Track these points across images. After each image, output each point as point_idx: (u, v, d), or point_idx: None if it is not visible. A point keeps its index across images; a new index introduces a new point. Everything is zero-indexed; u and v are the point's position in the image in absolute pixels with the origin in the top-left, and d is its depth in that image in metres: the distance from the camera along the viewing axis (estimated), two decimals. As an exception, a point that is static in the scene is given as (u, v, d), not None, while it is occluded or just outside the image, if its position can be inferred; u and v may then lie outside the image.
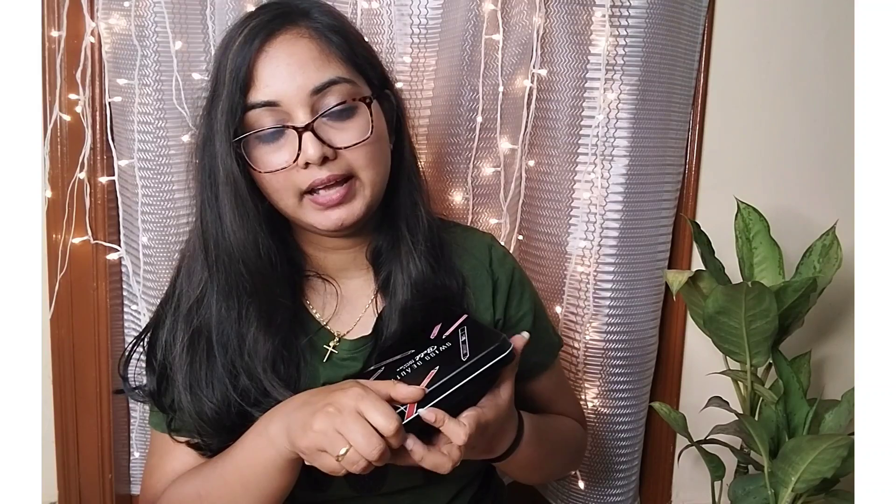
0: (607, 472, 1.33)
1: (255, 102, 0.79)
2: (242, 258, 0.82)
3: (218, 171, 0.81)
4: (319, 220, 0.82)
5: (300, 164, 0.79)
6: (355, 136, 0.81)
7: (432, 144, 1.22)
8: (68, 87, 1.22)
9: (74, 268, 1.26)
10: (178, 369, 0.85)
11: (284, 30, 0.80)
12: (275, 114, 0.80)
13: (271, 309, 0.84)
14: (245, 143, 0.81)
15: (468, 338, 0.81)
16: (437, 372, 0.74)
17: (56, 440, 1.32)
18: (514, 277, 0.97)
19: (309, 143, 0.79)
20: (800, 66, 1.32)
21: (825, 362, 1.41)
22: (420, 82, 1.19)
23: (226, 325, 0.84)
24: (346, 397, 0.71)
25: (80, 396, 1.31)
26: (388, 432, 0.69)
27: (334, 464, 0.70)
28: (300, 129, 0.79)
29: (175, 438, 0.88)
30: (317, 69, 0.80)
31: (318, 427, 0.70)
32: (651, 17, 1.20)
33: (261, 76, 0.79)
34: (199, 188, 0.85)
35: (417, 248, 0.88)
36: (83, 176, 1.23)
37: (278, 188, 0.82)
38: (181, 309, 0.86)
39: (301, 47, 0.80)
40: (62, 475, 1.33)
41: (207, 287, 0.85)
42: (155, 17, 1.15)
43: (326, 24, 0.82)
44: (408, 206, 0.89)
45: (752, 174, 1.34)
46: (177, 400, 0.85)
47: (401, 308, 0.87)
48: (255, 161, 0.81)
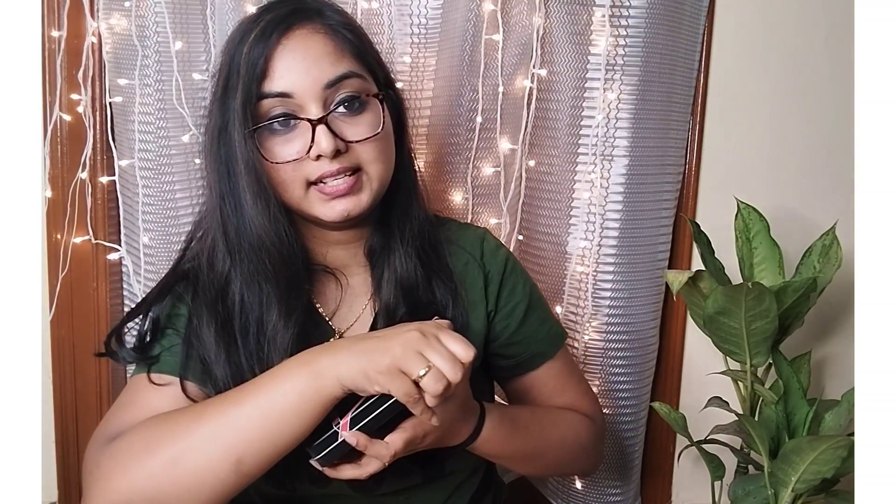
0: (608, 471, 1.33)
1: (269, 92, 0.81)
2: (265, 246, 0.83)
3: (236, 160, 0.81)
4: (325, 210, 0.83)
5: (312, 156, 0.81)
6: (366, 130, 0.83)
7: (432, 144, 1.22)
8: (69, 88, 1.22)
9: (75, 268, 1.26)
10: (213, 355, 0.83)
11: (301, 25, 0.82)
12: (287, 105, 0.81)
13: (291, 298, 0.84)
14: (257, 133, 0.82)
15: None
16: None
17: (56, 440, 1.32)
18: (507, 267, 0.97)
19: (322, 135, 0.80)
20: (800, 66, 1.32)
21: (825, 362, 1.41)
22: (420, 82, 1.20)
23: (248, 312, 0.84)
24: (427, 326, 0.75)
25: (80, 396, 1.31)
26: (466, 359, 0.72)
27: (409, 386, 0.71)
28: (314, 121, 0.80)
29: (154, 381, 0.83)
30: (331, 64, 0.82)
31: (400, 349, 0.72)
32: (651, 17, 1.20)
33: (276, 68, 0.80)
34: (214, 177, 0.85)
35: (406, 247, 0.90)
36: (84, 176, 1.23)
37: (286, 178, 0.82)
38: (207, 297, 0.85)
39: (316, 42, 0.82)
40: (62, 475, 1.33)
41: (230, 276, 0.85)
42: (156, 17, 1.15)
43: (339, 22, 0.85)
44: (403, 204, 0.91)
45: (752, 174, 1.34)
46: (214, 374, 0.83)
47: (390, 308, 0.88)
48: (266, 151, 0.82)
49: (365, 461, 0.78)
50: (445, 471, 0.92)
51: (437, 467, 0.91)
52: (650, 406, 1.29)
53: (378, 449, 0.77)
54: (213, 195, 0.85)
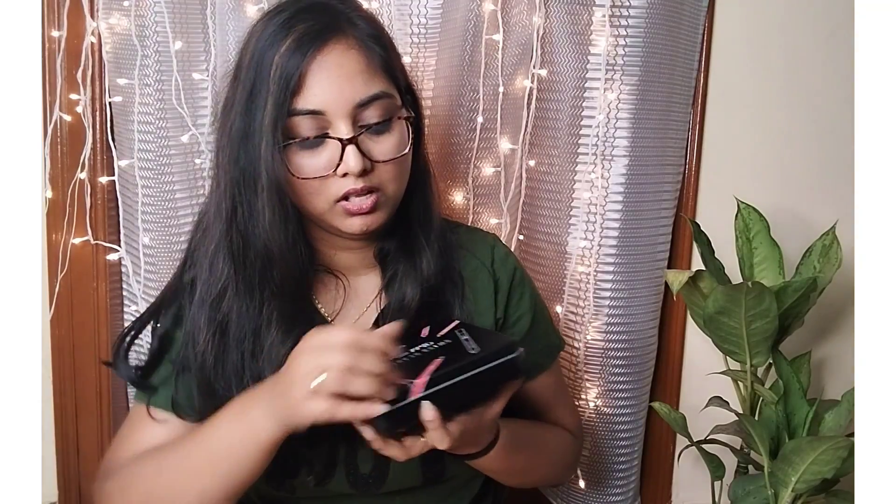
0: (607, 472, 1.33)
1: (301, 109, 0.80)
2: (275, 260, 0.82)
3: (259, 173, 0.80)
4: (346, 224, 0.84)
5: (339, 174, 0.81)
6: (392, 151, 0.83)
7: (432, 144, 1.22)
8: (69, 87, 1.22)
9: (75, 268, 1.26)
10: (204, 360, 0.85)
11: (336, 40, 0.81)
12: (317, 122, 0.81)
13: (295, 312, 0.85)
14: (285, 146, 0.81)
15: (471, 337, 0.81)
16: (443, 361, 0.75)
17: (56, 440, 1.32)
18: (515, 277, 0.98)
19: (351, 155, 0.80)
20: (800, 66, 1.32)
21: (825, 362, 1.41)
22: (420, 82, 1.20)
23: (244, 320, 0.84)
24: (307, 339, 0.73)
25: (80, 396, 1.31)
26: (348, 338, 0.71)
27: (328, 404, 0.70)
28: (345, 141, 0.80)
29: (152, 414, 0.88)
30: (363, 83, 0.81)
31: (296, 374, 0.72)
32: (651, 17, 1.20)
33: (310, 84, 0.80)
34: (227, 180, 0.84)
35: (432, 249, 0.90)
36: (83, 176, 1.23)
37: (312, 192, 0.82)
38: (203, 299, 0.86)
39: (350, 59, 0.81)
40: (62, 475, 1.33)
41: (230, 282, 0.85)
42: (155, 16, 1.15)
43: (369, 34, 0.84)
44: (420, 209, 0.91)
45: (752, 174, 1.34)
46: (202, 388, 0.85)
47: (404, 306, 0.88)
48: (291, 164, 0.81)
49: (410, 442, 0.76)
50: (446, 474, 0.92)
51: (438, 469, 0.91)
52: (650, 406, 1.29)
53: (438, 434, 0.73)
54: (224, 198, 0.84)
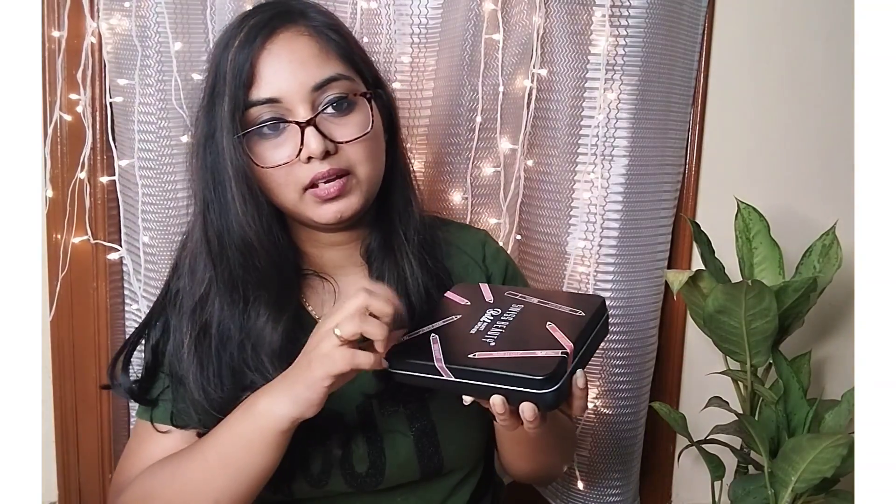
0: (607, 472, 1.33)
1: (257, 99, 0.80)
2: (254, 250, 0.83)
3: (224, 167, 0.81)
4: (319, 213, 0.83)
5: (302, 159, 0.81)
6: (355, 130, 0.83)
7: (432, 144, 1.22)
8: (69, 87, 1.22)
9: (75, 267, 1.26)
10: (188, 367, 0.85)
11: (284, 28, 0.82)
12: (276, 110, 0.81)
13: (280, 300, 0.85)
14: (246, 139, 0.81)
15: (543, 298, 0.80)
16: (560, 329, 0.74)
17: (56, 440, 1.32)
18: (508, 272, 0.98)
19: (311, 137, 0.80)
20: (800, 66, 1.32)
21: (825, 362, 1.41)
22: (420, 82, 1.19)
23: (228, 321, 0.85)
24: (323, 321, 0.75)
25: (80, 396, 1.31)
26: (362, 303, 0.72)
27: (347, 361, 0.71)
28: (302, 123, 0.80)
29: (157, 428, 0.89)
30: (317, 66, 0.81)
31: (316, 345, 0.73)
32: (651, 17, 1.20)
33: (263, 74, 0.80)
34: (199, 185, 0.85)
35: (411, 245, 0.90)
36: (84, 176, 1.23)
37: (280, 183, 0.82)
38: (185, 308, 0.87)
39: (301, 44, 0.82)
40: (62, 475, 1.33)
41: (212, 284, 0.85)
42: (156, 17, 1.15)
43: (323, 23, 0.84)
44: (401, 203, 0.91)
45: (752, 174, 1.34)
46: (190, 397, 0.85)
47: None
48: (256, 157, 0.82)
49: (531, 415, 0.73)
50: (444, 469, 0.92)
51: (436, 462, 0.90)
52: (650, 406, 1.29)
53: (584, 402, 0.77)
54: (197, 200, 0.86)
